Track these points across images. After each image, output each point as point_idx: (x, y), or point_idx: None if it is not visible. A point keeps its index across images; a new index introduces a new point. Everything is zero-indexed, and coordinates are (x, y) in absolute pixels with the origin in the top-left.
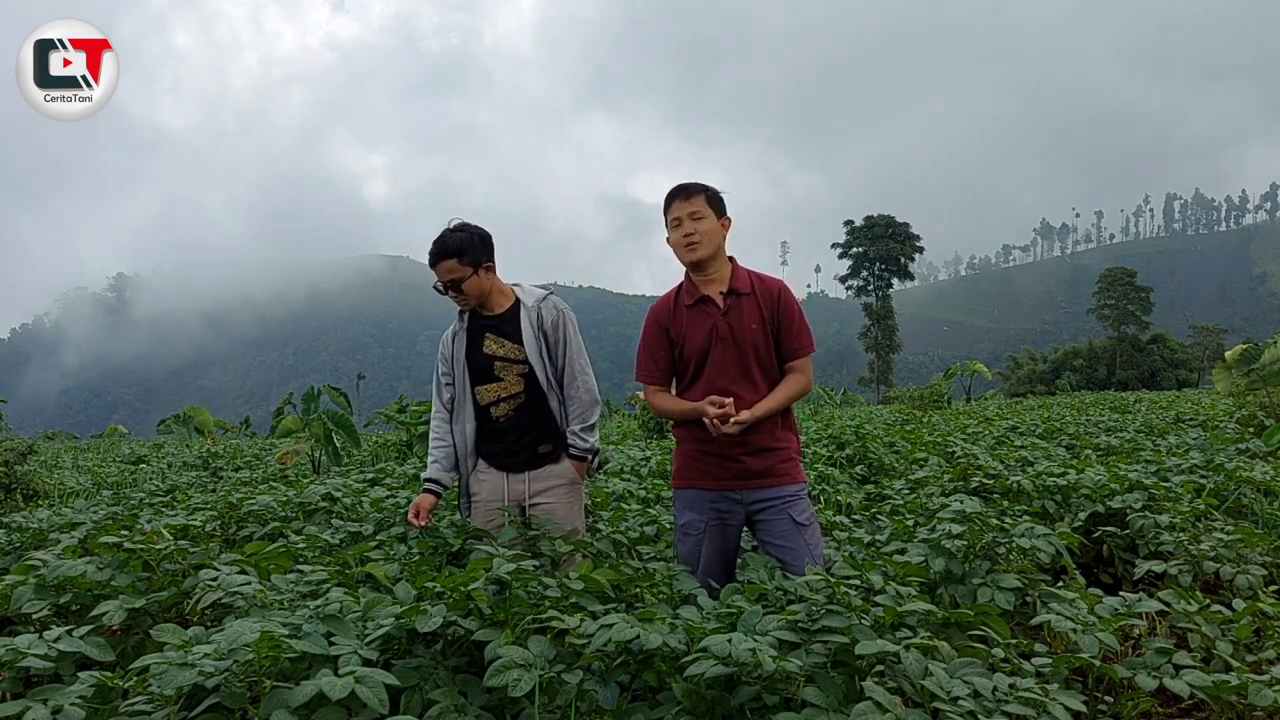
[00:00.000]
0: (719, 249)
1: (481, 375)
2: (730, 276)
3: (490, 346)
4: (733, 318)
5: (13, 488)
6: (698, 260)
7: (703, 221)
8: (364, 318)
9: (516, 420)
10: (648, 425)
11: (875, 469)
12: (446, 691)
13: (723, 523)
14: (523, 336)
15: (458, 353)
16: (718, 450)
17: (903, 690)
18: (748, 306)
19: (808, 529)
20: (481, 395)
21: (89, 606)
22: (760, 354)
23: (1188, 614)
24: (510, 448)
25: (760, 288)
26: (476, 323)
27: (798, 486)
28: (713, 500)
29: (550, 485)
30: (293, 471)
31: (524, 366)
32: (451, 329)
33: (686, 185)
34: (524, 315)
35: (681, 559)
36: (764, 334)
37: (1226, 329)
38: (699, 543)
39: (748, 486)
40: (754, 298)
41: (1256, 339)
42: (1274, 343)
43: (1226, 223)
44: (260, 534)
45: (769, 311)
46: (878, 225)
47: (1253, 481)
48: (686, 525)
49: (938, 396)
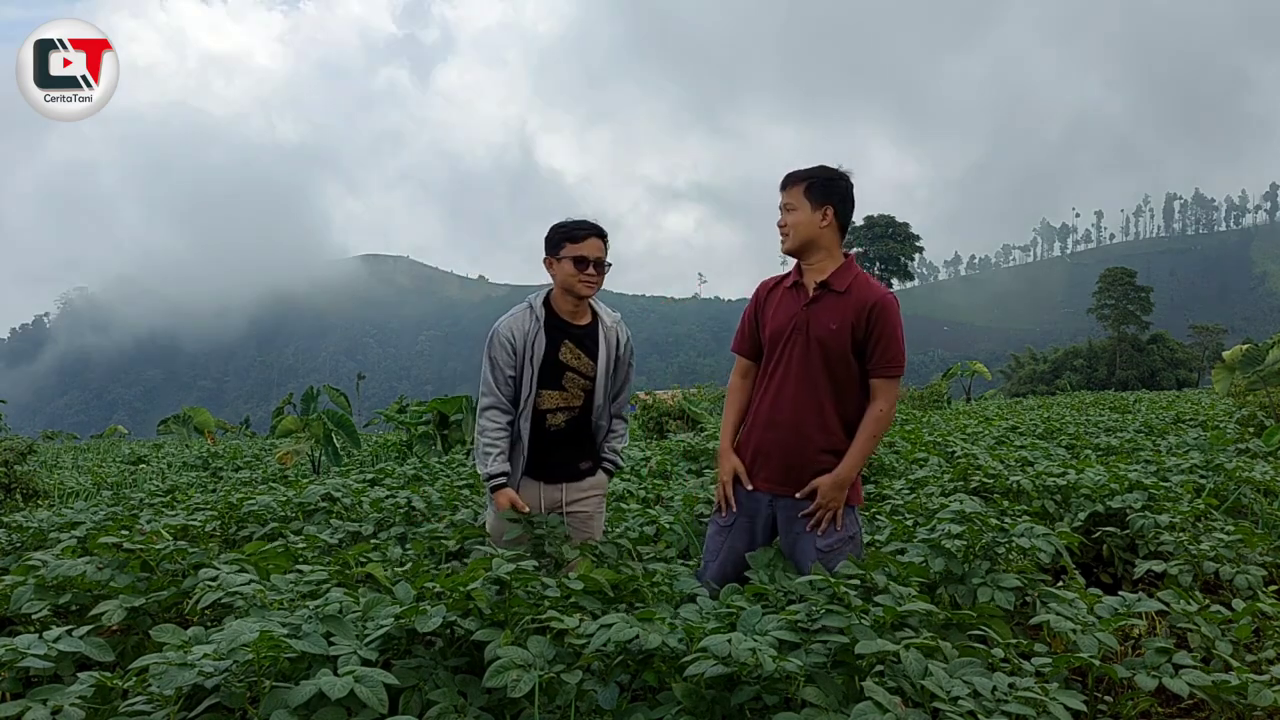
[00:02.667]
0: (813, 239)
1: (549, 381)
2: (833, 271)
3: (566, 355)
4: (815, 310)
5: (12, 488)
6: (788, 251)
7: (794, 213)
8: (364, 318)
9: (568, 433)
10: (648, 425)
11: (875, 469)
12: (446, 691)
13: (750, 522)
14: (599, 353)
15: (535, 352)
16: (760, 447)
17: (903, 690)
18: (835, 305)
19: (829, 556)
20: (543, 400)
21: (89, 606)
22: (831, 358)
23: (1188, 614)
24: (559, 459)
25: (859, 292)
26: (555, 327)
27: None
28: (742, 497)
29: (587, 495)
30: (293, 471)
31: (590, 383)
32: (523, 324)
33: (792, 172)
34: (602, 332)
35: (705, 549)
36: (843, 338)
37: (1226, 329)
38: (720, 535)
39: (773, 491)
40: (847, 298)
41: (1256, 339)
42: (1274, 343)
43: (1226, 223)
44: (260, 534)
45: (857, 317)
46: (878, 225)
47: (1253, 481)
48: (716, 515)
49: (938, 396)
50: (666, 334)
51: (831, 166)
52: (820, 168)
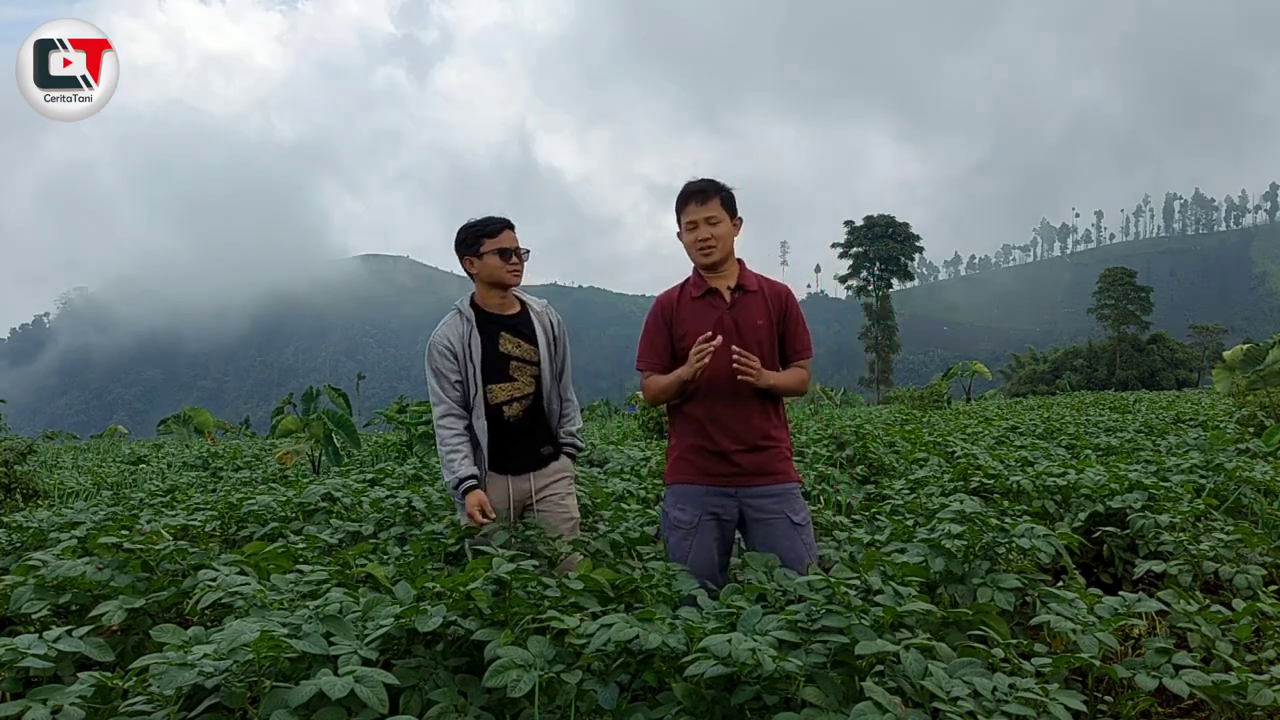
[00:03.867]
0: (732, 249)
1: (496, 374)
2: (739, 274)
3: (506, 346)
4: (739, 313)
5: (12, 488)
6: (715, 263)
7: (718, 226)
8: (364, 318)
9: (527, 422)
10: (648, 425)
11: (875, 469)
12: (446, 691)
13: (717, 519)
14: (537, 337)
15: (474, 350)
16: (711, 446)
17: (903, 690)
18: (755, 304)
19: (804, 529)
20: (494, 394)
21: (89, 606)
22: (764, 351)
23: (1188, 614)
24: (521, 449)
25: (769, 289)
26: (488, 322)
27: (792, 484)
28: (706, 496)
29: (555, 479)
30: (292, 471)
31: (535, 368)
32: (457, 328)
33: (703, 188)
34: (534, 317)
35: (670, 554)
36: (769, 332)
37: (1226, 329)
38: (685, 539)
39: (742, 484)
40: (762, 296)
41: (1256, 339)
42: (1275, 343)
43: (1226, 223)
44: (260, 534)
45: (776, 312)
46: (878, 225)
47: (1253, 481)
48: (676, 521)
49: (938, 396)
50: None
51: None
52: (716, 180)
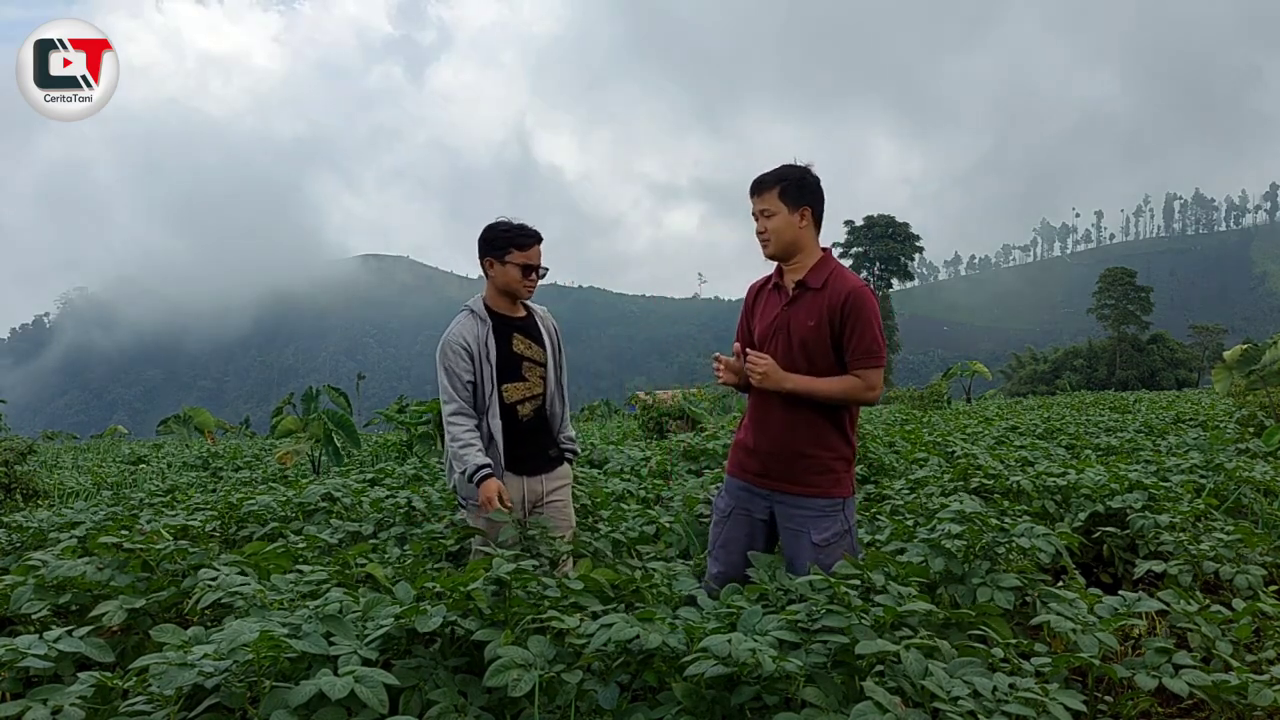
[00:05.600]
0: (794, 241)
1: (509, 374)
2: (811, 268)
3: (519, 346)
4: (794, 310)
5: (12, 488)
6: (771, 257)
7: (773, 219)
8: (364, 318)
9: (536, 422)
10: (647, 425)
11: (875, 469)
12: (446, 691)
13: (748, 515)
14: (544, 340)
15: (490, 351)
16: (750, 444)
17: (903, 690)
18: (812, 302)
19: (824, 550)
20: (509, 394)
21: (89, 606)
22: (811, 353)
23: (1188, 614)
24: (532, 450)
25: (833, 286)
26: (502, 323)
27: (826, 502)
28: (740, 490)
29: (561, 484)
30: (292, 471)
31: (544, 369)
32: (473, 329)
33: (762, 178)
34: (539, 321)
35: (709, 542)
36: (820, 333)
37: (1226, 329)
38: (718, 526)
39: (773, 488)
40: (821, 294)
41: (1256, 339)
42: (1274, 343)
43: (1226, 223)
44: (260, 534)
45: (831, 312)
46: (878, 225)
47: (1253, 481)
48: (715, 506)
49: (938, 396)
50: (666, 334)
51: (798, 165)
52: (788, 168)
